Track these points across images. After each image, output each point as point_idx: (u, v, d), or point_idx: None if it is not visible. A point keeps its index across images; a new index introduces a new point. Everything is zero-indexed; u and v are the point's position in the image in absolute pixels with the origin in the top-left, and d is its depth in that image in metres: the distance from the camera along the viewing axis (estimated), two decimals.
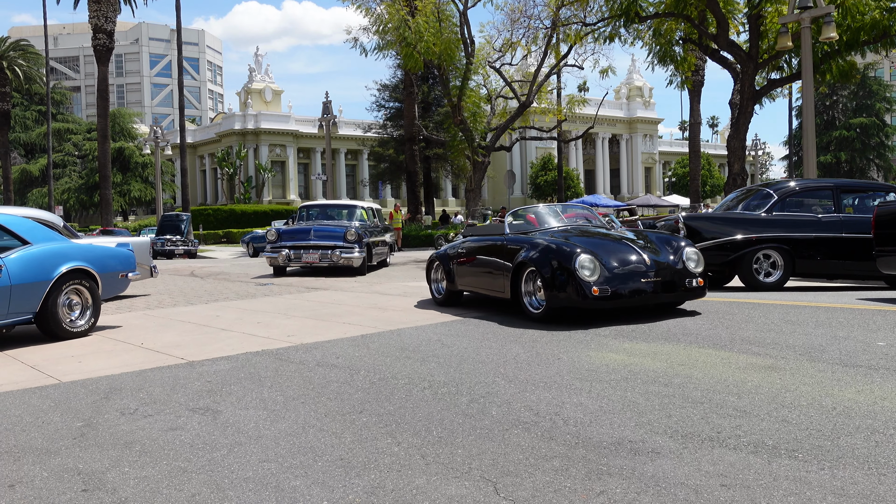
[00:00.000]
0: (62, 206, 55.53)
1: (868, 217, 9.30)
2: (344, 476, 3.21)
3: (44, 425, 4.24)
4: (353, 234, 14.73)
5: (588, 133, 37.83)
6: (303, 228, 15.37)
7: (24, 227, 7.55)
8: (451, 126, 27.87)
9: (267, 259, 15.33)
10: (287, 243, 14.93)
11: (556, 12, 23.97)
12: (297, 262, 14.92)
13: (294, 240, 15.00)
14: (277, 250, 14.94)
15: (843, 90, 63.97)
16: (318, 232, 15.00)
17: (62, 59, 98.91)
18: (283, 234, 15.27)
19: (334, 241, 14.76)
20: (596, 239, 7.57)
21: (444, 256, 9.33)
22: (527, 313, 7.29)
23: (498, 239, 8.20)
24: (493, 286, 8.10)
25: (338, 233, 14.92)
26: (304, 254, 14.78)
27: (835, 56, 18.85)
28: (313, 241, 14.83)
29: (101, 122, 37.28)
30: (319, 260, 14.68)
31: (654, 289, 6.99)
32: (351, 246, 14.66)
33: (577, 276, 6.67)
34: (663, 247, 7.42)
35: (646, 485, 2.96)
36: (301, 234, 15.13)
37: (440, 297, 9.38)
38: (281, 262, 14.89)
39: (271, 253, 15.06)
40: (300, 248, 14.82)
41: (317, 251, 14.72)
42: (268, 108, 63.29)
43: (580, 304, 6.74)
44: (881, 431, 3.47)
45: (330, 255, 14.62)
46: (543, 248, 7.17)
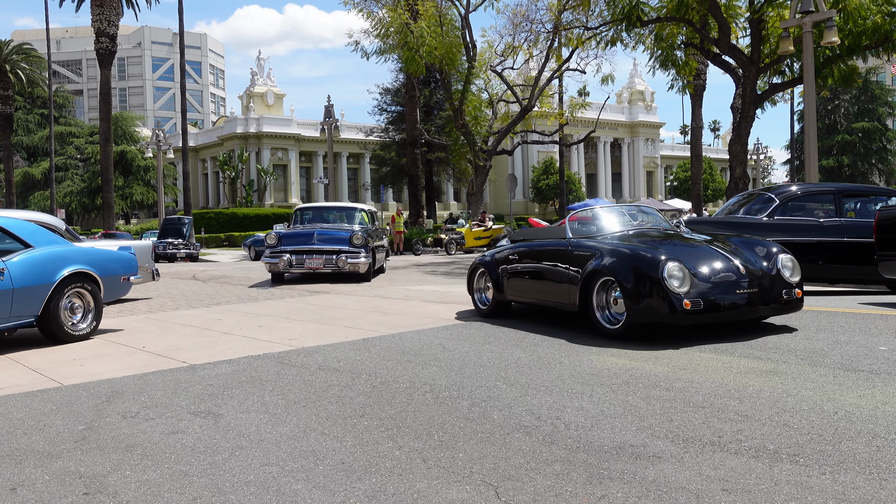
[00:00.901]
0: (64, 209, 55.63)
1: (870, 221, 9.29)
2: (345, 480, 3.21)
3: (45, 428, 4.24)
4: (359, 238, 13.84)
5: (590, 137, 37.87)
6: (305, 232, 14.30)
7: (27, 231, 7.57)
8: (452, 130, 27.92)
9: (266, 265, 14.08)
10: (288, 248, 13.86)
11: (557, 16, 24.01)
12: (299, 267, 13.84)
13: (296, 244, 13.94)
14: (277, 255, 13.83)
15: (844, 94, 63.95)
16: (321, 236, 14.02)
17: (65, 63, 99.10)
18: (284, 237, 14.10)
19: (339, 246, 13.83)
20: (677, 243, 6.72)
21: (490, 263, 8.42)
22: (600, 329, 6.44)
23: (559, 244, 7.30)
24: (554, 297, 7.23)
25: (342, 236, 13.99)
26: (307, 259, 13.76)
27: (836, 60, 18.87)
28: (317, 245, 13.85)
29: (104, 126, 37.34)
30: (324, 265, 13.72)
31: (749, 301, 6.12)
32: (357, 250, 13.73)
33: (666, 286, 5.83)
34: (751, 252, 6.55)
35: (647, 489, 2.96)
36: (303, 237, 14.06)
37: (485, 308, 8.42)
38: (282, 267, 13.80)
39: (271, 258, 13.90)
40: (302, 253, 13.80)
41: (321, 256, 13.75)
42: (270, 111, 63.39)
43: (668, 319, 5.90)
44: (882, 436, 3.47)
45: (335, 261, 13.66)
46: (622, 255, 6.34)
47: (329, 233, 14.18)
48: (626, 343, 6.10)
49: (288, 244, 13.92)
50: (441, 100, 43.20)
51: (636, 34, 21.21)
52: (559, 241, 7.37)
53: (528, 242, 8.14)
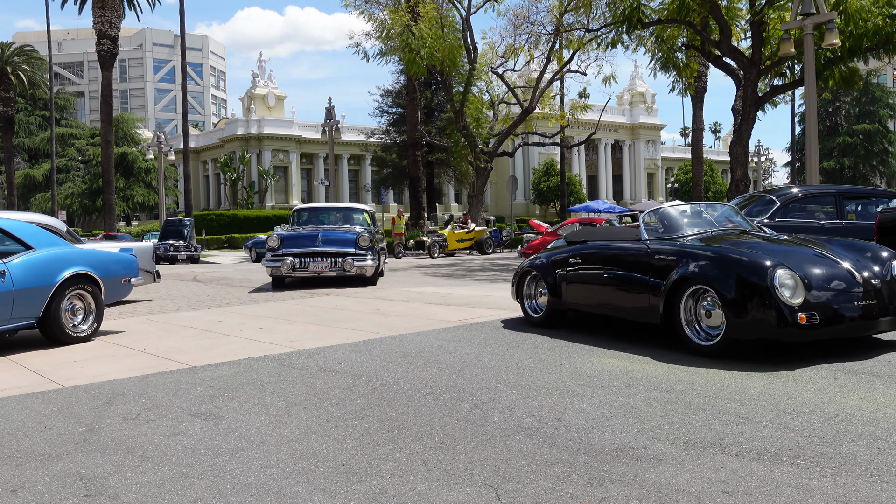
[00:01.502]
0: (65, 210, 55.67)
1: (871, 223, 9.30)
2: (346, 482, 3.21)
3: (46, 430, 4.25)
4: (366, 240, 13.15)
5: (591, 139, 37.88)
6: (308, 234, 13.60)
7: (28, 232, 7.57)
8: (453, 131, 27.95)
9: (267, 268, 13.36)
10: (290, 250, 13.12)
11: (558, 18, 24.04)
12: (302, 271, 13.10)
13: (299, 246, 13.20)
14: (279, 258, 13.09)
15: (845, 96, 63.92)
16: (326, 237, 13.32)
17: (66, 65, 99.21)
18: (286, 240, 13.34)
19: (344, 248, 13.12)
20: (775, 246, 5.94)
21: (545, 266, 7.50)
22: (689, 345, 5.67)
23: (635, 247, 6.44)
24: (629, 307, 6.42)
25: (348, 238, 13.28)
26: (311, 262, 13.04)
27: (837, 62, 18.88)
28: (321, 247, 13.14)
29: (105, 128, 37.39)
30: (329, 269, 13.04)
31: (866, 313, 5.34)
32: (363, 253, 13.05)
33: (777, 296, 5.07)
34: (860, 256, 5.77)
35: (648, 491, 2.95)
36: (306, 239, 13.35)
37: (537, 317, 7.54)
38: (284, 271, 13.05)
39: (272, 262, 13.18)
40: (306, 256, 13.07)
41: (325, 259, 13.04)
42: (271, 113, 63.43)
43: (777, 334, 5.14)
44: (884, 438, 3.47)
45: (341, 264, 12.96)
46: (719, 259, 5.57)
47: (334, 234, 13.54)
48: (627, 346, 6.09)
49: (290, 246, 13.22)
50: (442, 101, 43.23)
51: (637, 36, 21.25)
52: (633, 244, 6.52)
53: (594, 243, 7.20)
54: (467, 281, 15.01)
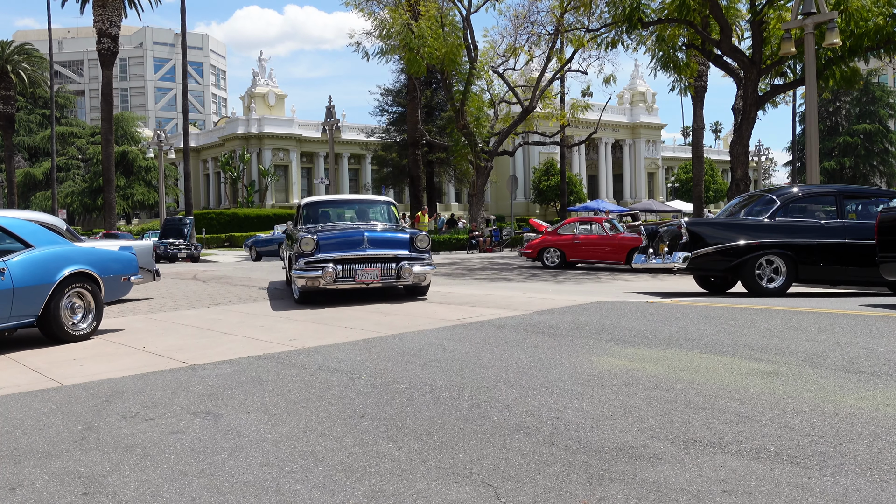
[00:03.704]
0: (66, 209, 55.70)
1: (871, 223, 9.29)
2: (345, 480, 3.20)
3: (45, 428, 4.24)
4: (423, 240, 10.60)
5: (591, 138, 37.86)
6: (351, 233, 10.62)
7: (27, 231, 7.57)
8: (454, 130, 27.93)
9: (300, 279, 10.07)
10: (330, 255, 10.09)
11: (559, 18, 24.03)
12: (347, 281, 10.06)
13: (341, 249, 10.20)
14: (317, 266, 10.02)
15: (846, 96, 63.94)
16: (374, 238, 10.45)
17: (66, 63, 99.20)
18: (324, 242, 10.26)
19: (397, 250, 10.37)
20: None
21: None
22: None
23: None
24: None
25: (401, 238, 10.62)
26: (359, 270, 10.09)
27: (838, 62, 18.87)
28: (369, 250, 10.24)
29: (105, 126, 37.40)
30: (380, 277, 10.16)
31: None
32: (421, 256, 10.48)
33: None
34: None
35: (647, 490, 2.95)
36: (349, 241, 10.38)
37: None
38: (325, 282, 9.95)
39: (307, 270, 10.01)
40: (351, 262, 10.11)
41: (376, 265, 10.15)
42: (271, 112, 63.42)
43: None
44: (884, 438, 3.46)
45: (396, 271, 10.17)
46: None
47: (383, 234, 10.74)
48: (627, 344, 6.09)
49: (330, 249, 10.18)
50: (442, 100, 43.23)
51: (637, 35, 21.24)
52: None
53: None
54: (467, 280, 15.01)
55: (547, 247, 19.54)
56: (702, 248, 10.00)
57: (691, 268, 10.24)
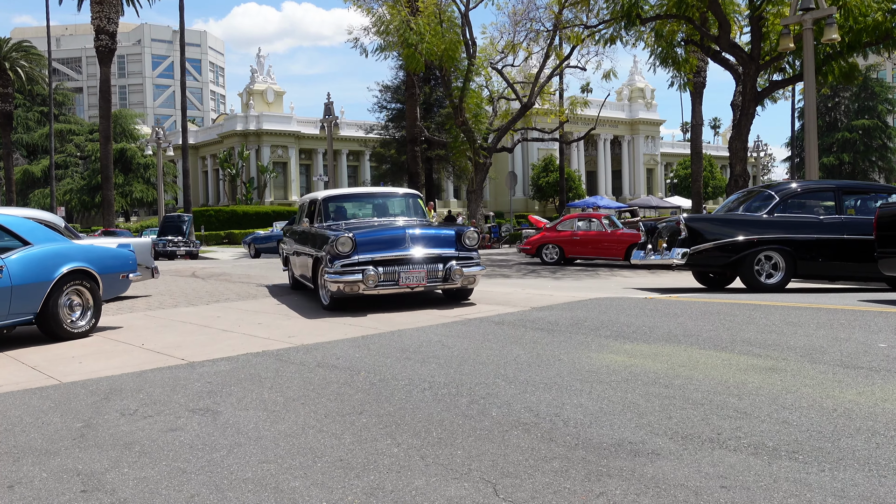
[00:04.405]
0: (64, 206, 55.66)
1: (870, 219, 9.29)
2: (343, 477, 3.20)
3: (44, 426, 4.24)
4: (472, 237, 9.42)
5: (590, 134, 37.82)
6: (391, 231, 9.49)
7: (26, 228, 7.56)
8: (452, 127, 27.89)
9: (334, 284, 8.77)
10: (368, 256, 8.85)
11: (557, 14, 23.99)
12: (390, 285, 8.87)
13: (381, 249, 9.01)
14: (355, 269, 8.75)
15: (845, 92, 63.93)
16: (418, 236, 9.25)
17: (64, 60, 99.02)
18: (363, 240, 8.99)
19: (444, 249, 9.22)
20: None
21: None
22: None
23: None
24: None
25: (447, 236, 9.45)
26: (402, 272, 8.87)
27: (837, 57, 18.86)
28: (414, 249, 9.06)
29: (104, 124, 37.35)
30: (426, 280, 8.99)
31: None
32: (470, 254, 9.35)
33: None
34: None
35: (646, 486, 2.95)
36: (390, 239, 9.20)
37: None
38: (367, 287, 8.67)
39: (344, 274, 8.72)
40: (393, 263, 8.91)
41: (421, 267, 8.97)
42: (270, 109, 63.34)
43: None
44: (882, 433, 3.47)
45: (444, 272, 9.01)
46: None
47: (427, 231, 9.51)
48: (625, 340, 6.09)
49: (368, 250, 8.94)
50: (441, 97, 43.18)
51: (636, 31, 21.21)
52: None
53: None
54: None
55: (546, 243, 19.55)
56: (700, 244, 10.01)
57: (690, 264, 10.24)
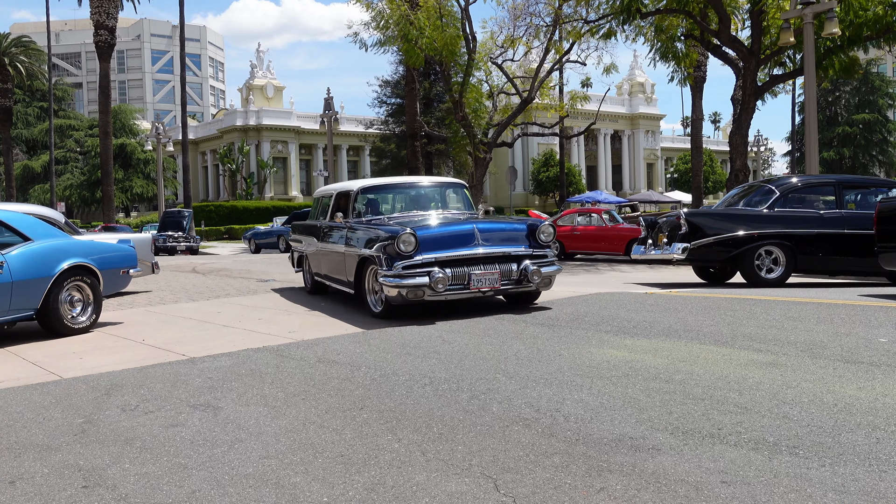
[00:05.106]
0: (64, 202, 55.60)
1: (870, 213, 9.29)
2: (344, 472, 3.21)
3: (45, 422, 4.24)
4: (548, 232, 8.15)
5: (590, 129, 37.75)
6: (457, 226, 8.19)
7: (26, 224, 7.56)
8: (452, 122, 27.84)
9: (396, 289, 7.43)
10: (431, 255, 7.53)
11: (557, 9, 23.94)
12: (459, 290, 7.61)
13: (448, 247, 7.70)
14: (418, 271, 7.43)
15: (845, 86, 63.81)
16: (487, 231, 7.96)
17: (64, 56, 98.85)
18: (426, 238, 7.65)
19: (516, 247, 7.97)
20: None
21: None
22: None
23: None
24: None
25: (519, 230, 8.19)
26: (473, 274, 7.61)
27: (837, 52, 18.82)
28: (483, 247, 7.77)
29: (103, 119, 37.30)
30: (499, 282, 7.73)
31: None
32: (544, 253, 8.08)
33: None
34: None
35: (646, 481, 2.95)
36: (458, 235, 7.88)
37: None
38: (435, 291, 7.38)
39: (406, 277, 7.41)
40: (463, 264, 7.64)
41: (494, 267, 7.73)
42: (269, 104, 63.25)
43: None
44: (882, 428, 3.47)
45: (519, 273, 7.79)
46: None
47: (497, 226, 8.35)
48: (626, 335, 6.10)
49: (433, 248, 7.64)
50: (441, 92, 43.13)
51: (636, 26, 21.15)
52: None
53: None
54: None
55: None
56: (701, 239, 10.01)
57: (690, 258, 10.24)
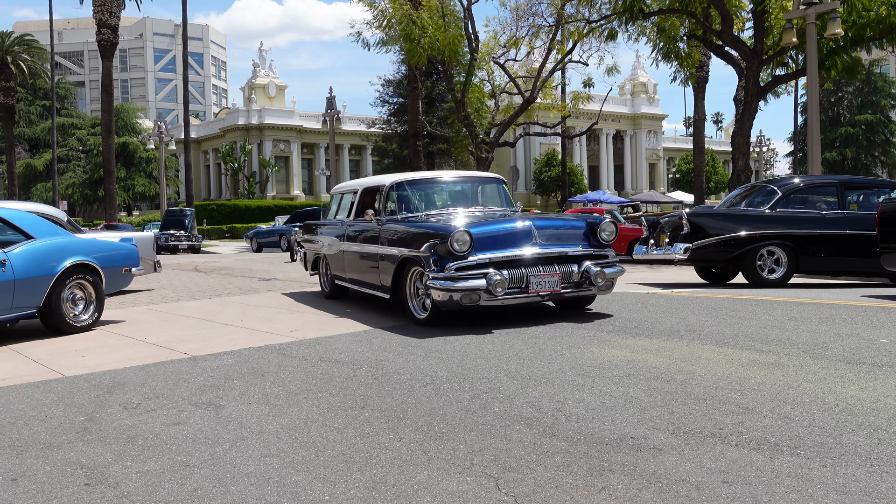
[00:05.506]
0: (66, 200, 55.67)
1: (872, 214, 9.28)
2: (346, 471, 3.21)
3: (47, 419, 4.25)
4: (609, 230, 7.37)
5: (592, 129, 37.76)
6: (512, 224, 7.17)
7: (28, 222, 7.57)
8: (454, 122, 27.85)
9: (448, 293, 6.57)
10: (485, 255, 6.71)
11: (559, 9, 23.94)
12: (517, 294, 6.77)
13: (504, 247, 6.88)
14: (472, 273, 6.62)
15: (848, 86, 63.68)
16: (544, 228, 7.20)
17: (66, 54, 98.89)
18: (480, 235, 6.82)
19: (575, 246, 7.20)
20: None
21: None
22: None
23: None
24: None
25: (578, 228, 7.43)
26: (532, 276, 6.77)
27: (840, 52, 18.81)
28: (542, 247, 6.98)
29: (105, 117, 37.35)
30: (560, 285, 6.89)
31: None
32: (605, 253, 7.32)
33: None
34: None
35: (647, 481, 2.95)
36: (514, 233, 7.02)
37: None
38: (492, 295, 6.58)
39: (458, 280, 6.56)
40: (520, 265, 6.80)
41: (553, 268, 6.90)
42: (272, 103, 63.30)
43: None
44: (884, 429, 3.47)
45: (581, 275, 6.96)
46: None
47: (554, 223, 7.58)
48: (627, 335, 6.10)
49: (486, 248, 6.81)
50: (443, 91, 43.12)
51: (639, 26, 21.16)
52: None
53: None
54: None
55: None
56: (703, 239, 10.00)
57: (692, 259, 10.23)
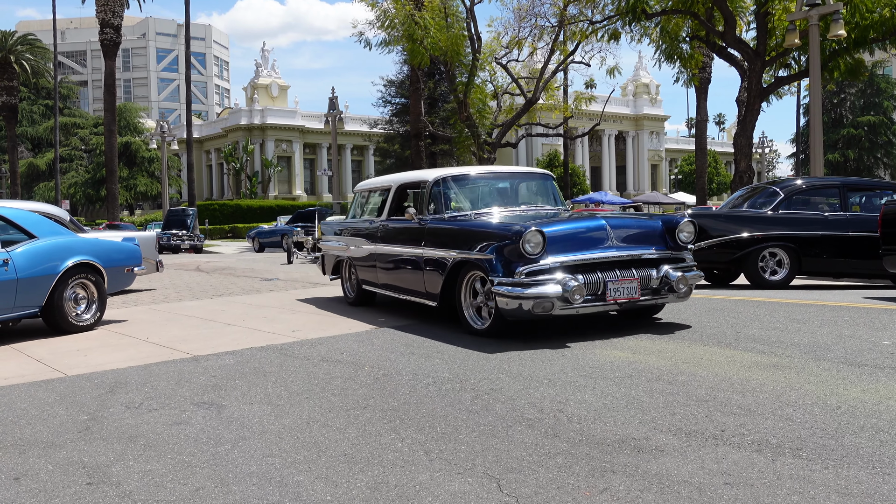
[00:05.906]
0: (69, 200, 55.74)
1: (875, 216, 9.27)
2: (348, 471, 3.21)
3: (49, 419, 4.26)
4: (688, 231, 6.64)
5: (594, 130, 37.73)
6: (586, 223, 6.50)
7: (31, 221, 7.58)
8: (457, 122, 27.84)
9: (518, 300, 5.83)
10: (557, 258, 5.99)
11: (562, 10, 23.93)
12: (593, 302, 6.03)
13: (577, 249, 6.16)
14: (543, 279, 5.88)
15: (850, 88, 63.61)
16: (620, 227, 6.45)
17: (69, 54, 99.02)
18: (553, 235, 6.06)
19: (651, 248, 6.46)
20: None
21: None
22: None
23: None
24: None
25: (653, 228, 6.66)
26: (610, 281, 6.06)
27: (843, 53, 18.78)
28: (617, 249, 6.27)
29: (108, 117, 37.40)
30: (639, 291, 6.18)
31: None
32: (682, 256, 6.60)
33: None
34: None
35: (649, 482, 2.95)
36: (588, 234, 6.31)
37: None
38: (568, 303, 5.82)
39: (527, 286, 5.83)
40: (595, 269, 6.09)
41: (631, 273, 6.19)
42: (274, 103, 63.34)
43: None
44: (886, 431, 3.46)
45: (660, 280, 6.27)
46: None
47: (629, 222, 6.80)
48: (629, 336, 6.09)
49: (559, 251, 6.06)
50: (445, 92, 43.12)
51: (641, 27, 21.14)
52: None
53: None
54: None
55: None
56: (705, 241, 9.99)
57: (694, 260, 10.22)
